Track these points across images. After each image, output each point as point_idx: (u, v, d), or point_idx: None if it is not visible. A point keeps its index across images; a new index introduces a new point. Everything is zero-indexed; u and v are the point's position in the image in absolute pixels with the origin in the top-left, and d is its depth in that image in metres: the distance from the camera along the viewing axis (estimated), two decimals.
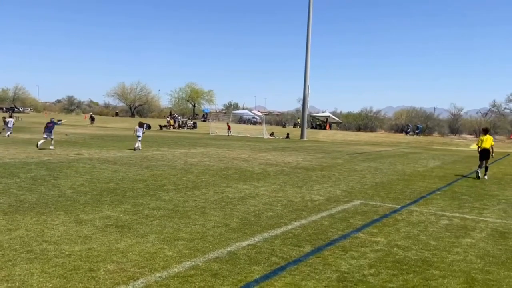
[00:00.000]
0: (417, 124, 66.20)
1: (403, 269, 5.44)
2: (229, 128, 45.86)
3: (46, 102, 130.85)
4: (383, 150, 31.16)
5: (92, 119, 59.52)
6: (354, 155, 25.13)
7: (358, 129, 71.50)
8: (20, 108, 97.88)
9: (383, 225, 7.71)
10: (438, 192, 11.88)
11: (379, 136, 55.83)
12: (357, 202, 9.86)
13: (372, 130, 70.97)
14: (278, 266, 5.33)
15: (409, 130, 63.02)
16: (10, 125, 27.94)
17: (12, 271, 4.73)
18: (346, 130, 69.37)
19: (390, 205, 9.63)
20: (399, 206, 9.56)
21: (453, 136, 65.63)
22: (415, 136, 58.09)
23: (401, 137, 54.91)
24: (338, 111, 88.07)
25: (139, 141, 21.15)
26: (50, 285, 4.43)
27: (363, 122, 74.30)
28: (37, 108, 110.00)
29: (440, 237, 7.08)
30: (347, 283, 4.89)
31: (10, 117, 34.29)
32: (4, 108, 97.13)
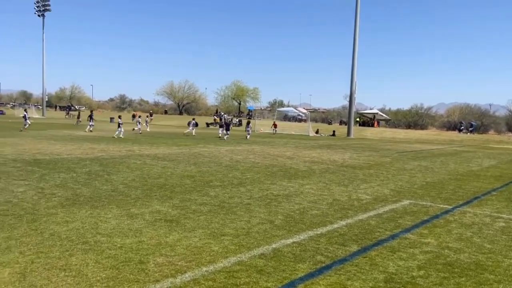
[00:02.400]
0: (471, 121, 63.15)
1: (455, 272, 5.23)
2: (275, 126, 45.73)
3: (99, 101, 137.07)
4: (434, 149, 30.02)
5: (150, 114, 62.01)
6: (404, 153, 24.38)
7: (408, 126, 69.28)
8: (76, 106, 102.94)
9: (433, 226, 7.44)
10: (494, 193, 11.29)
11: (430, 134, 53.79)
12: (406, 202, 9.57)
13: (423, 127, 68.53)
14: (323, 265, 5.28)
15: (463, 127, 60.20)
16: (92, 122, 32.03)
17: (69, 261, 5.01)
18: (395, 127, 67.41)
19: (441, 206, 9.27)
20: (451, 207, 9.18)
21: (511, 134, 62.02)
22: (469, 134, 55.45)
23: (453, 135, 52.61)
24: (387, 108, 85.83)
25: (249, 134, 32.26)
26: (104, 275, 4.65)
27: (413, 119, 71.88)
28: (91, 106, 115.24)
29: (495, 240, 6.73)
30: (394, 284, 4.77)
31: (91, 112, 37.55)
32: (58, 106, 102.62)
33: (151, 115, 64.22)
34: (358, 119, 65.60)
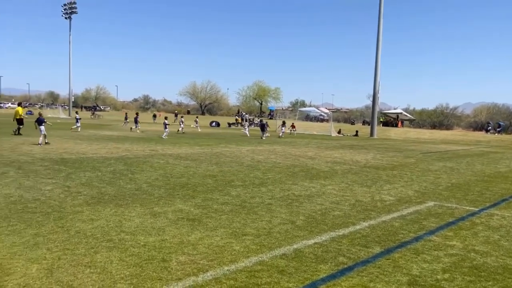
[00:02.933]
0: (499, 121, 61.39)
1: (481, 275, 5.10)
2: (293, 126, 45.34)
3: (124, 101, 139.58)
4: (460, 149, 29.34)
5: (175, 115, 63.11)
6: (428, 154, 23.93)
7: (433, 126, 67.92)
8: (101, 107, 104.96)
9: (459, 229, 7.28)
10: None
11: (456, 134, 52.60)
12: (431, 203, 9.39)
13: (448, 128, 67.03)
14: (345, 266, 5.24)
15: (490, 128, 58.59)
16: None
17: (94, 258, 5.12)
18: (420, 127, 66.19)
19: (467, 208, 9.06)
20: (478, 209, 8.96)
21: None
22: (496, 134, 53.94)
23: (480, 135, 51.29)
24: (411, 108, 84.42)
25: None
26: (127, 272, 4.73)
27: (439, 119, 70.42)
28: (116, 106, 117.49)
29: None
30: (418, 287, 4.69)
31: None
32: (83, 107, 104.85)
33: (176, 116, 65.09)
34: (381, 119, 64.70)
